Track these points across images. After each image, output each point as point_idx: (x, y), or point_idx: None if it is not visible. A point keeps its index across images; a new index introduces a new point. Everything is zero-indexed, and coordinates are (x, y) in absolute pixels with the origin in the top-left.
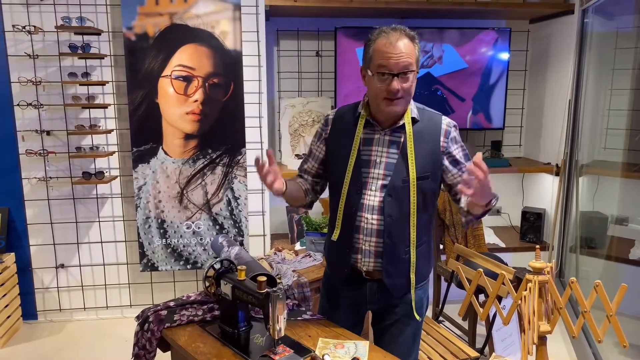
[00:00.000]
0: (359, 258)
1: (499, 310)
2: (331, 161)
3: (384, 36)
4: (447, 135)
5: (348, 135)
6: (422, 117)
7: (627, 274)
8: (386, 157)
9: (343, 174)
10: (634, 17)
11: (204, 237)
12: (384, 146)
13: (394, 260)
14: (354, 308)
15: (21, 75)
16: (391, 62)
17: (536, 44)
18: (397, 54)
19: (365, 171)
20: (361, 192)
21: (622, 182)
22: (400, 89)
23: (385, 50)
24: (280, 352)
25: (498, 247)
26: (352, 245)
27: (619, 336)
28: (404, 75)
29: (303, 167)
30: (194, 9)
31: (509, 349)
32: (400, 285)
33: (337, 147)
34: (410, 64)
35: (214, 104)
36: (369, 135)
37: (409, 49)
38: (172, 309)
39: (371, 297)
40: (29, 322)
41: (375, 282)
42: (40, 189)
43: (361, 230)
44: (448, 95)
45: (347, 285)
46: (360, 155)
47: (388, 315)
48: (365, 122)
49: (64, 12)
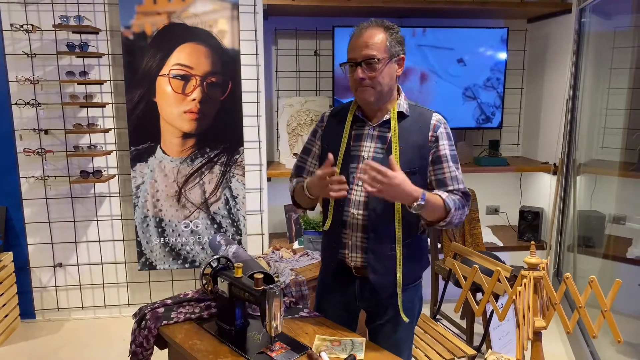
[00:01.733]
0: (347, 253)
1: (494, 306)
2: (323, 157)
3: (356, 29)
4: (436, 130)
5: (339, 131)
6: (412, 113)
7: (625, 273)
8: (373, 152)
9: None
10: (631, 16)
11: (202, 236)
12: (372, 141)
13: (378, 256)
14: (345, 305)
15: (19, 74)
16: (355, 52)
17: (534, 44)
18: (361, 44)
19: (353, 166)
20: (348, 188)
21: (619, 181)
22: (365, 77)
23: (352, 41)
24: (277, 349)
25: (496, 246)
26: (340, 240)
27: (614, 331)
28: (369, 64)
29: (302, 167)
30: (192, 8)
31: (506, 347)
32: (386, 284)
33: (330, 143)
34: (373, 54)
35: (212, 103)
36: (359, 131)
37: (375, 38)
38: (169, 307)
39: (360, 295)
40: (26, 321)
41: (364, 279)
42: (38, 188)
43: (348, 225)
44: (445, 94)
45: (338, 281)
46: (350, 151)
47: (380, 315)
48: (356, 118)
49: (61, 10)
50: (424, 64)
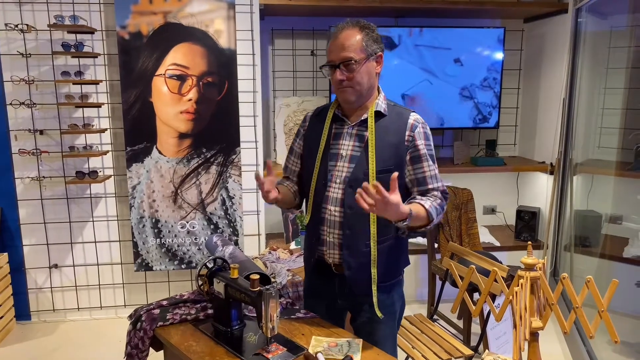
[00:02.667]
0: (325, 250)
1: (491, 306)
2: (305, 156)
3: (333, 31)
4: (413, 129)
5: (320, 130)
6: (391, 112)
7: (621, 272)
8: (352, 150)
9: (313, 168)
10: (627, 16)
11: (199, 237)
12: (350, 140)
13: (354, 253)
14: (328, 302)
15: (14, 74)
16: (333, 54)
17: (530, 43)
18: (338, 46)
19: (332, 164)
20: (327, 185)
21: (616, 180)
22: (344, 79)
23: (330, 43)
24: (273, 351)
25: (493, 246)
26: (319, 237)
27: (610, 331)
28: (347, 66)
29: (287, 167)
30: (188, 8)
31: (503, 347)
32: (362, 280)
33: (311, 141)
34: (350, 55)
35: (209, 103)
36: (339, 130)
37: (351, 40)
38: (165, 308)
39: (340, 291)
40: (22, 323)
41: (342, 276)
42: (34, 189)
43: (325, 222)
44: (442, 94)
45: (319, 278)
46: (329, 149)
47: (361, 313)
48: (336, 117)
49: (57, 10)
50: (420, 64)
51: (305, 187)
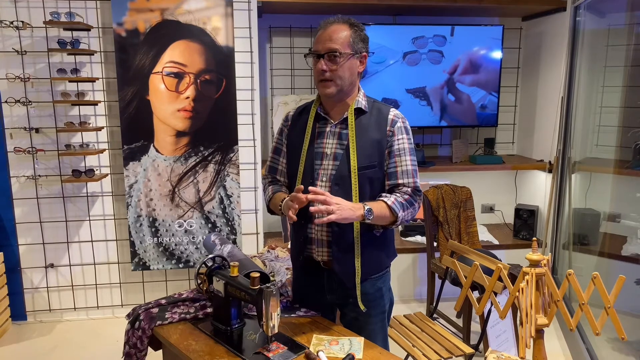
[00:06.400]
0: (314, 248)
1: (495, 303)
2: (289, 155)
3: (323, 23)
4: (393, 125)
5: (303, 129)
6: (371, 109)
7: (620, 270)
8: (335, 148)
9: (297, 166)
10: (625, 14)
11: (196, 236)
12: (334, 138)
13: (342, 247)
14: (316, 297)
15: (9, 71)
16: (319, 45)
17: (529, 42)
18: (325, 37)
19: (317, 163)
20: (313, 184)
21: (614, 178)
22: (327, 70)
23: (318, 34)
24: (274, 349)
25: (491, 244)
26: (307, 236)
27: (617, 328)
28: (332, 57)
29: (275, 168)
30: (185, 5)
31: (503, 345)
32: (350, 274)
33: (294, 140)
34: (336, 47)
35: (206, 101)
36: (322, 128)
37: (339, 33)
38: (163, 307)
39: (329, 286)
40: (18, 323)
41: (331, 271)
42: (29, 188)
43: (314, 221)
44: (441, 92)
45: (307, 274)
46: (314, 148)
47: (349, 309)
48: (319, 117)
49: (52, 7)
50: (420, 64)
51: (291, 186)
